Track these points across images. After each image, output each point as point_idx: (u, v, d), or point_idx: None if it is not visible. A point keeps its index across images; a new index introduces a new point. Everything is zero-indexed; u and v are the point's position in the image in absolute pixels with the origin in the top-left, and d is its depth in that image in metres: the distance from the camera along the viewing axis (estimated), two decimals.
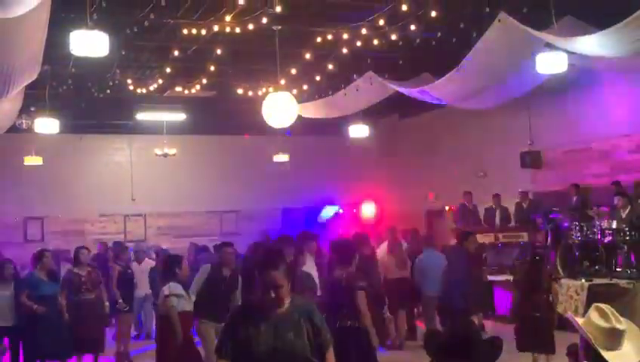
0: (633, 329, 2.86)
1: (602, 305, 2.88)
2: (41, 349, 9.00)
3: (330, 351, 3.91)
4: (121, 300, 10.33)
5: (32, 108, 14.40)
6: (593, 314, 2.86)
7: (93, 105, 15.86)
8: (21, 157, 16.44)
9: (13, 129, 14.74)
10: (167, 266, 7.56)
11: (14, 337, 9.23)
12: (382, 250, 11.34)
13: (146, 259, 12.51)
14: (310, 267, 7.77)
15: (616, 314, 2.88)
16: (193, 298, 7.55)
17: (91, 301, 9.35)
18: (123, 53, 11.74)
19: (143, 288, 11.90)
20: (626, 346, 2.81)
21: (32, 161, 16.40)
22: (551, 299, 8.35)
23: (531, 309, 8.04)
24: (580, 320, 2.90)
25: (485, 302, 11.91)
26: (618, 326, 2.78)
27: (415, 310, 11.89)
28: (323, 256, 9.42)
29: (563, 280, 10.97)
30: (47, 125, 13.67)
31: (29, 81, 9.85)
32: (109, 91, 14.63)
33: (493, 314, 12.71)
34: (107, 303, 9.79)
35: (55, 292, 9.18)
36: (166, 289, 7.14)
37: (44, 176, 17.32)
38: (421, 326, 11.46)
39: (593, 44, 9.18)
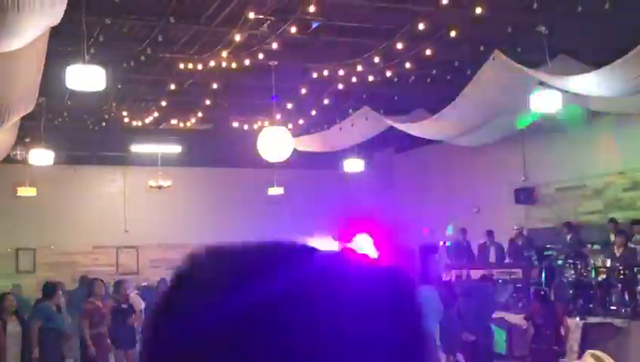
0: None
1: (597, 352, 2.86)
2: None
3: None
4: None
5: (27, 140, 14.41)
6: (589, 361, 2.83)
7: (89, 136, 15.89)
8: (15, 187, 16.39)
9: (8, 159, 14.72)
10: None
11: None
12: None
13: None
14: None
15: (611, 359, 2.85)
16: None
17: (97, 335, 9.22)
18: (119, 86, 11.78)
19: None
20: None
21: (26, 191, 16.35)
22: (563, 331, 9.09)
23: (544, 342, 8.71)
24: None
25: None
26: None
27: None
28: None
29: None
30: (41, 156, 13.66)
31: (25, 113, 9.86)
32: (104, 124, 14.65)
33: None
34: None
35: (64, 325, 9.06)
36: None
37: (37, 207, 17.24)
38: None
39: (587, 83, 9.26)
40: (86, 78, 8.03)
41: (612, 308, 11.10)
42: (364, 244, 20.31)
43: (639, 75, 8.39)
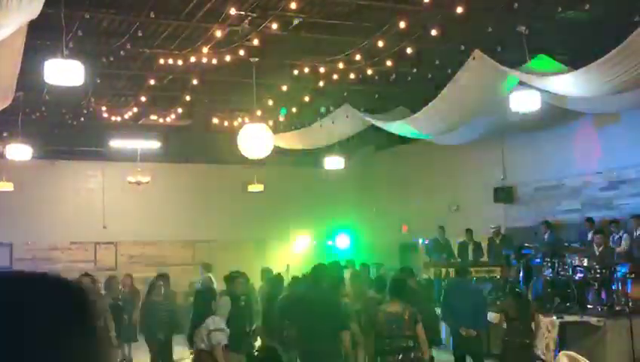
0: None
1: (571, 353, 2.88)
2: None
3: None
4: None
5: (5, 134, 14.25)
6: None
7: (67, 131, 15.75)
8: None
9: None
10: (202, 300, 7.46)
11: None
12: None
13: None
14: None
15: (585, 360, 2.87)
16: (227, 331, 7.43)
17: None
18: (98, 81, 11.67)
19: None
20: None
21: (3, 186, 16.16)
22: (533, 326, 9.54)
23: (517, 335, 9.02)
24: None
25: None
26: None
27: None
28: None
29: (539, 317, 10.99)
30: (19, 151, 13.52)
31: (2, 108, 9.75)
32: (82, 118, 14.51)
33: None
34: (113, 333, 9.50)
35: None
36: (210, 324, 7.06)
37: (14, 201, 17.07)
38: None
39: (566, 83, 9.33)
40: (64, 72, 7.94)
41: (589, 306, 11.20)
42: (343, 242, 20.36)
43: (616, 77, 8.47)
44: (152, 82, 12.13)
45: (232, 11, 8.93)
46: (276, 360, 5.66)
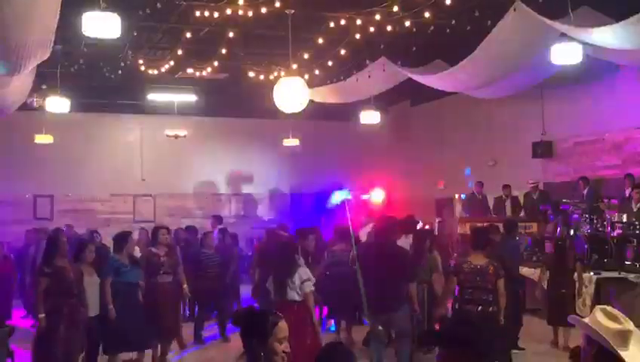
0: (636, 330, 2.83)
1: (607, 307, 2.84)
2: (122, 339, 8.08)
3: None
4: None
5: (44, 87, 14.42)
6: (600, 316, 2.81)
7: (105, 84, 15.88)
8: (32, 135, 16.46)
9: (25, 107, 14.77)
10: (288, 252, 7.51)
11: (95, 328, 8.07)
12: None
13: None
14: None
15: (622, 314, 2.84)
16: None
17: (169, 284, 8.66)
18: (135, 34, 11.70)
19: None
20: (632, 346, 2.78)
21: (43, 139, 16.41)
22: (575, 277, 9.76)
23: (559, 287, 9.39)
24: (586, 320, 2.86)
25: None
26: (629, 327, 2.75)
27: None
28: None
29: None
30: (58, 104, 13.67)
31: (41, 60, 9.83)
32: (120, 72, 14.61)
33: None
34: (186, 286, 9.09)
35: (138, 278, 8.33)
36: (303, 274, 7.19)
37: (54, 154, 17.35)
38: None
39: (609, 36, 9.08)
40: (102, 24, 7.95)
41: (627, 263, 11.10)
42: (378, 196, 20.34)
43: None
44: (188, 35, 12.11)
45: None
46: None
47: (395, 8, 10.51)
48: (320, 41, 12.21)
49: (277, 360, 3.45)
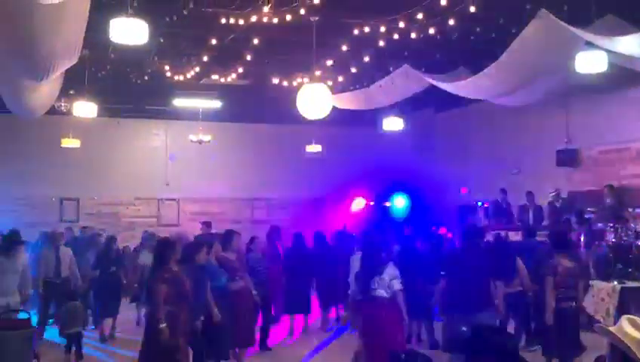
0: None
1: (634, 317, 2.85)
2: (216, 348, 7.87)
3: None
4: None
5: (71, 92, 14.62)
6: (626, 326, 2.82)
7: (131, 90, 16.07)
8: (59, 139, 16.71)
9: (52, 111, 14.99)
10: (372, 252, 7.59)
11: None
12: None
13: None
14: None
15: None
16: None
17: (243, 289, 8.47)
18: (161, 40, 11.83)
19: None
20: None
21: (70, 143, 16.66)
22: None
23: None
24: (611, 329, 2.87)
25: None
26: None
27: None
28: None
29: (594, 282, 10.85)
30: (85, 108, 13.87)
31: (70, 65, 9.99)
32: (146, 77, 14.77)
33: None
34: (255, 292, 8.87)
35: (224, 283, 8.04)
36: (391, 271, 7.36)
37: (80, 158, 17.60)
38: None
39: (635, 45, 9.03)
40: (129, 31, 8.09)
41: None
42: (400, 203, 20.32)
43: None
44: (213, 42, 12.22)
45: None
46: None
47: (420, 16, 10.52)
48: (344, 47, 12.26)
49: None
